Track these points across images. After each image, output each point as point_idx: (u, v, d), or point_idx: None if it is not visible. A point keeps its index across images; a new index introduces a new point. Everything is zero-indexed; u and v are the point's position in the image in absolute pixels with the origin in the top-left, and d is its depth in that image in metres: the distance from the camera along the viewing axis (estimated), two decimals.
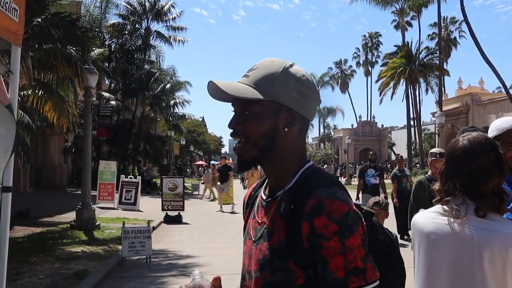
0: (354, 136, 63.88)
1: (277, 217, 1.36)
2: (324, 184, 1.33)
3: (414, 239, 2.08)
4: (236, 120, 1.43)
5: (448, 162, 2.02)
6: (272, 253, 1.34)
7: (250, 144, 1.41)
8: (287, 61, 1.45)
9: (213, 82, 1.38)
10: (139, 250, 8.86)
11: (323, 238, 1.25)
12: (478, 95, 40.19)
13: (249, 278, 1.42)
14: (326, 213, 1.25)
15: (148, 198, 23.77)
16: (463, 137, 2.03)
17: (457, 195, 1.91)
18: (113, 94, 30.51)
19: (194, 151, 70.98)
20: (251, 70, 1.44)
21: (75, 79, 13.87)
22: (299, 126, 1.44)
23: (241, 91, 1.38)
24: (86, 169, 12.98)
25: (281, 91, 1.38)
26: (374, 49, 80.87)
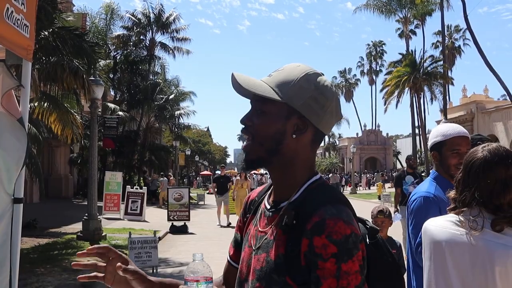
0: (359, 144, 63.83)
1: (278, 230, 1.34)
2: (330, 202, 1.30)
3: (425, 246, 2.04)
4: (248, 116, 1.42)
5: (467, 172, 1.97)
6: (270, 266, 1.32)
7: (256, 143, 1.40)
8: (314, 69, 1.42)
9: (234, 74, 1.39)
10: (146, 260, 8.89)
11: (320, 258, 1.22)
12: (483, 103, 40.11)
13: (246, 287, 1.41)
14: (327, 233, 1.22)
15: (153, 208, 23.81)
16: (483, 147, 1.99)
17: (474, 206, 1.88)
18: (118, 105, 30.67)
19: (199, 161, 71.07)
20: (276, 71, 1.43)
21: (81, 91, 14.00)
22: (310, 136, 1.40)
23: (255, 87, 1.38)
24: (92, 180, 13.06)
25: (296, 96, 1.36)
26: (378, 58, 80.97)
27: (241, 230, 1.62)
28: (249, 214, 1.57)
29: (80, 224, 13.10)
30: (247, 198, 1.65)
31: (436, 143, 2.82)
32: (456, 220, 1.93)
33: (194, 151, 57.06)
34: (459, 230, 1.90)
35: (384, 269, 1.41)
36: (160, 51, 35.67)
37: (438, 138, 2.80)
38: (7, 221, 2.72)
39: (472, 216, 1.86)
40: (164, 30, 35.41)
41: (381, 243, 1.44)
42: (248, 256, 1.44)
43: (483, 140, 4.16)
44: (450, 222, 1.96)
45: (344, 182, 48.97)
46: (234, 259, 1.62)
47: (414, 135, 48.82)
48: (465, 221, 1.88)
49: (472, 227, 1.84)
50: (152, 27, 35.11)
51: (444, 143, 2.77)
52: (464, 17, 30.97)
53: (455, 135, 2.77)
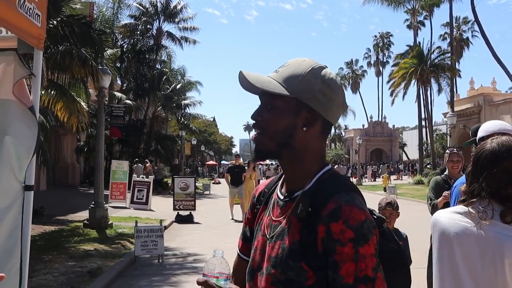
0: (365, 136, 63.71)
1: (293, 218, 1.38)
2: (344, 190, 1.35)
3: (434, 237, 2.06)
4: (258, 111, 1.46)
5: (475, 164, 2.01)
6: (286, 253, 1.36)
7: (267, 137, 1.43)
8: (319, 63, 1.46)
9: (242, 72, 1.43)
10: (152, 249, 8.96)
11: (338, 243, 1.27)
12: (491, 96, 39.89)
13: (260, 274, 1.44)
14: (344, 219, 1.28)
15: (159, 197, 23.92)
16: (492, 140, 2.02)
17: (483, 197, 1.90)
18: (125, 94, 30.75)
19: (205, 151, 71.21)
20: (282, 67, 1.46)
21: (88, 80, 14.04)
22: (320, 128, 1.45)
23: (265, 84, 1.41)
24: (99, 168, 13.14)
25: (305, 90, 1.40)
26: (385, 49, 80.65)
27: (250, 222, 1.65)
28: (259, 206, 1.61)
29: (86, 212, 13.19)
30: (256, 190, 1.69)
31: (480, 138, 2.97)
32: (465, 211, 1.95)
33: (200, 141, 57.18)
34: (468, 222, 1.92)
35: (390, 257, 1.47)
36: (167, 40, 35.65)
37: (481, 134, 2.98)
38: (18, 208, 2.76)
39: (482, 206, 1.88)
40: (171, 20, 35.33)
41: (387, 232, 1.51)
42: (262, 244, 1.48)
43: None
44: (459, 213, 1.98)
45: (350, 173, 48.96)
46: (244, 252, 1.66)
47: (420, 127, 48.66)
48: (474, 212, 1.91)
49: (481, 218, 1.86)
50: (159, 16, 35.05)
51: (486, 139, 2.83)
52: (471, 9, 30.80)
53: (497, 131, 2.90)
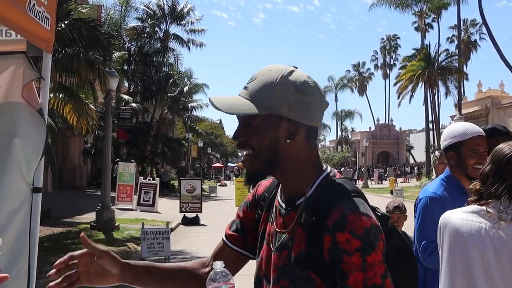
0: (371, 139, 63.58)
1: (298, 227, 1.37)
2: (345, 196, 1.33)
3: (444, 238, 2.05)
4: (238, 132, 1.42)
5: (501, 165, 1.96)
6: (293, 262, 1.34)
7: (254, 157, 1.39)
8: (287, 68, 1.39)
9: (210, 99, 1.39)
10: (158, 251, 8.97)
11: (345, 253, 1.26)
12: (498, 98, 39.74)
13: (266, 283, 1.44)
14: (350, 228, 1.26)
15: (165, 199, 23.96)
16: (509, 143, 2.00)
17: (505, 199, 1.89)
18: (132, 97, 30.85)
19: (212, 153, 71.28)
20: (251, 81, 1.40)
21: (95, 83, 14.12)
22: (304, 135, 1.39)
23: (236, 106, 1.37)
24: (106, 170, 13.19)
25: (279, 104, 1.34)
26: (392, 52, 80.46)
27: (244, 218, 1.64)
28: (260, 211, 1.58)
29: (93, 214, 13.25)
30: (254, 192, 1.65)
31: (452, 144, 2.77)
32: (479, 211, 1.94)
33: (206, 143, 57.23)
34: (482, 222, 1.91)
35: (397, 254, 1.45)
36: (174, 43, 35.73)
37: (455, 139, 2.76)
38: (26, 210, 2.77)
39: (504, 207, 1.87)
40: (178, 22, 35.42)
41: (392, 229, 1.48)
42: (267, 253, 1.46)
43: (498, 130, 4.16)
44: (472, 213, 1.97)
45: (357, 176, 48.85)
46: (230, 240, 1.65)
47: (427, 130, 48.49)
48: (493, 212, 1.89)
49: (501, 218, 1.86)
50: (166, 18, 35.13)
51: (463, 143, 2.72)
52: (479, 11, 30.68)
53: (474, 135, 2.74)
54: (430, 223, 2.57)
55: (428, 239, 2.62)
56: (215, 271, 1.33)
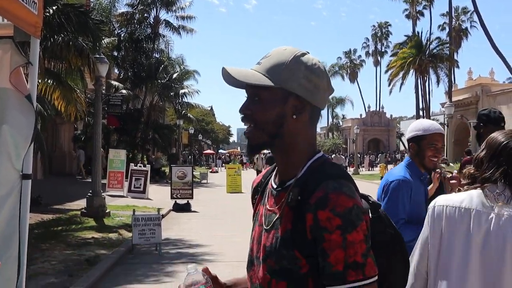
0: (362, 126, 63.69)
1: (285, 207, 1.39)
2: (332, 177, 1.35)
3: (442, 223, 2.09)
4: (246, 105, 1.46)
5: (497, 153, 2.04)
6: (279, 242, 1.37)
7: (258, 129, 1.43)
8: (300, 50, 1.46)
9: (225, 68, 1.43)
10: (149, 238, 8.99)
11: (326, 231, 1.28)
12: (488, 86, 39.92)
13: (257, 263, 1.46)
14: (331, 207, 1.28)
15: (156, 186, 23.95)
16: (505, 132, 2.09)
17: (500, 183, 1.97)
18: (122, 83, 30.63)
19: (203, 140, 71.15)
20: (264, 58, 1.46)
21: (85, 69, 13.99)
22: (309, 114, 1.45)
23: (249, 77, 1.41)
24: (97, 157, 13.13)
25: (290, 79, 1.40)
26: (383, 39, 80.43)
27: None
28: (257, 196, 1.62)
29: (84, 201, 13.21)
30: (254, 181, 1.69)
31: (416, 136, 3.18)
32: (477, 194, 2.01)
33: (197, 130, 57.07)
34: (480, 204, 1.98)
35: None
36: (164, 29, 35.41)
37: (419, 132, 3.17)
38: (16, 196, 2.76)
39: (500, 190, 1.96)
40: (169, 8, 35.07)
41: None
42: (258, 234, 1.49)
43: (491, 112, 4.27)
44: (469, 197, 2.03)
45: (347, 162, 49.01)
46: None
47: (418, 117, 48.62)
48: (490, 194, 1.97)
49: (498, 200, 1.94)
50: (156, 4, 34.73)
51: (424, 137, 3.14)
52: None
53: (435, 132, 3.18)
54: (400, 202, 3.00)
55: (397, 216, 2.92)
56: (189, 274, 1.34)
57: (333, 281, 1.29)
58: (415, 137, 3.18)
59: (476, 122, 4.46)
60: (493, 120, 4.32)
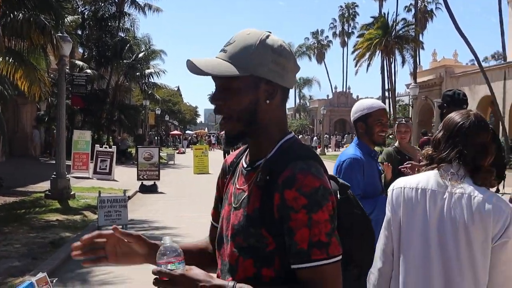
0: (329, 106, 64.10)
1: (254, 186, 1.41)
2: (301, 158, 1.37)
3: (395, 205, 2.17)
4: (217, 96, 1.44)
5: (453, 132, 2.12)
6: (247, 220, 1.39)
7: (233, 120, 1.43)
8: (264, 32, 1.44)
9: (190, 60, 1.40)
10: (115, 219, 8.91)
11: (292, 210, 1.30)
12: (452, 68, 40.63)
13: (226, 241, 1.47)
14: (297, 186, 1.30)
15: (123, 167, 23.69)
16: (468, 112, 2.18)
17: (455, 163, 2.07)
18: (86, 63, 29.97)
19: (169, 120, 70.53)
20: (229, 45, 1.43)
21: (47, 48, 13.60)
22: (280, 96, 1.45)
23: (217, 68, 1.39)
24: (61, 138, 12.86)
25: (259, 65, 1.39)
26: (350, 20, 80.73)
27: (219, 192, 1.68)
28: (228, 175, 1.62)
29: (48, 183, 12.96)
30: (226, 160, 1.70)
31: (362, 115, 3.35)
32: (434, 174, 2.10)
33: (164, 111, 56.50)
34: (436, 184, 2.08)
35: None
36: (130, 7, 34.65)
37: (365, 111, 3.33)
38: None
39: (454, 170, 2.06)
40: None
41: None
42: (227, 213, 1.51)
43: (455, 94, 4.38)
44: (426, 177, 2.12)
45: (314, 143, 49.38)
46: (214, 219, 1.70)
47: (384, 98, 49.33)
48: (445, 174, 2.07)
49: (451, 179, 2.05)
50: None
51: (370, 115, 3.32)
52: None
53: (379, 108, 3.37)
54: (354, 179, 3.13)
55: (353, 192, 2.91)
56: (164, 246, 1.33)
57: (298, 259, 1.31)
58: (362, 116, 3.35)
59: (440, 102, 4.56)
60: (456, 102, 4.42)
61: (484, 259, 2.00)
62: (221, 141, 43.37)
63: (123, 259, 1.56)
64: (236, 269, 1.40)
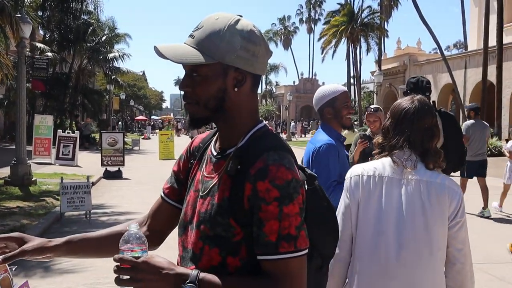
0: (295, 93, 64.40)
1: (224, 175, 1.40)
2: (273, 148, 1.36)
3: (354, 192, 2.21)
4: (185, 82, 1.41)
5: (399, 119, 2.21)
6: (215, 209, 1.37)
7: (201, 106, 1.40)
8: (233, 16, 1.40)
9: (157, 47, 1.37)
10: (78, 206, 8.76)
11: (263, 202, 1.29)
12: (415, 56, 41.30)
13: (190, 229, 1.45)
14: (270, 178, 1.29)
15: (86, 153, 23.28)
16: (412, 98, 2.25)
17: (405, 149, 2.15)
18: (48, 46, 29.20)
19: (134, 106, 69.61)
20: (197, 30, 1.40)
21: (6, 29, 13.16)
22: (250, 83, 1.43)
23: (185, 55, 1.36)
24: (21, 123, 12.51)
25: (227, 52, 1.36)
26: (317, 7, 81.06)
27: (179, 172, 1.65)
28: (193, 160, 1.60)
29: (7, 169, 12.63)
30: (190, 144, 1.67)
31: (329, 100, 3.30)
32: (387, 161, 2.19)
33: (129, 96, 55.71)
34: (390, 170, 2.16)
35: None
36: None
37: (331, 96, 3.30)
38: None
39: (406, 156, 2.14)
40: None
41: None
42: (193, 199, 1.48)
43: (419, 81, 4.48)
44: (381, 164, 2.19)
45: (280, 129, 49.61)
46: (168, 196, 1.66)
47: (349, 85, 49.87)
48: (398, 161, 2.15)
49: (406, 166, 2.13)
50: None
51: (336, 98, 3.29)
52: None
53: (343, 91, 3.35)
54: (331, 165, 3.11)
55: (330, 179, 3.07)
56: (129, 233, 1.31)
57: (265, 250, 1.31)
58: (328, 101, 3.30)
59: (405, 88, 4.64)
60: (419, 88, 4.51)
61: (442, 240, 2.10)
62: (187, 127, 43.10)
63: (33, 254, 1.55)
64: (200, 257, 1.39)
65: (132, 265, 1.26)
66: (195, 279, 1.28)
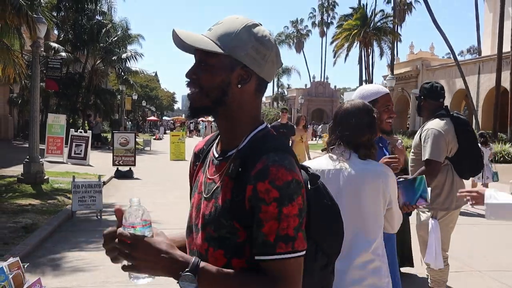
0: (307, 96, 64.33)
1: (225, 177, 1.41)
2: (273, 150, 1.37)
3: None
4: (192, 70, 1.45)
5: (334, 120, 2.65)
6: (218, 211, 1.39)
7: (203, 94, 1.43)
8: (253, 21, 1.46)
9: (175, 30, 1.41)
10: (90, 205, 8.83)
11: (263, 202, 1.30)
12: (428, 60, 41.10)
13: (195, 231, 1.47)
14: (270, 179, 1.30)
15: (98, 152, 23.43)
16: (347, 101, 2.68)
17: (340, 144, 2.56)
18: (62, 45, 29.43)
19: (146, 106, 69.94)
20: (216, 25, 1.45)
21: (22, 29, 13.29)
22: (254, 86, 1.45)
23: (197, 41, 1.40)
24: (34, 122, 12.64)
25: (238, 47, 1.40)
26: (330, 10, 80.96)
27: (191, 179, 1.67)
28: (198, 163, 1.62)
29: (21, 167, 12.74)
30: (195, 147, 1.69)
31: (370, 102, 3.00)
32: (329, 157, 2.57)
33: (141, 96, 56.01)
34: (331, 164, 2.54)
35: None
36: None
37: (371, 98, 3.04)
38: None
39: (341, 151, 2.56)
40: None
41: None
42: (197, 202, 1.50)
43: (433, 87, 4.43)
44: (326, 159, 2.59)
45: None
46: None
47: None
48: (335, 155, 2.56)
49: (341, 160, 2.53)
50: None
51: (377, 101, 3.04)
52: None
53: (385, 93, 3.10)
54: None
55: None
56: (131, 208, 1.31)
57: (263, 251, 1.32)
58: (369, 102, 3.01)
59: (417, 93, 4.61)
60: (433, 94, 4.46)
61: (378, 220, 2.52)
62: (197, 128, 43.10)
63: None
64: (206, 259, 1.39)
65: (132, 241, 1.28)
66: (195, 267, 1.30)
